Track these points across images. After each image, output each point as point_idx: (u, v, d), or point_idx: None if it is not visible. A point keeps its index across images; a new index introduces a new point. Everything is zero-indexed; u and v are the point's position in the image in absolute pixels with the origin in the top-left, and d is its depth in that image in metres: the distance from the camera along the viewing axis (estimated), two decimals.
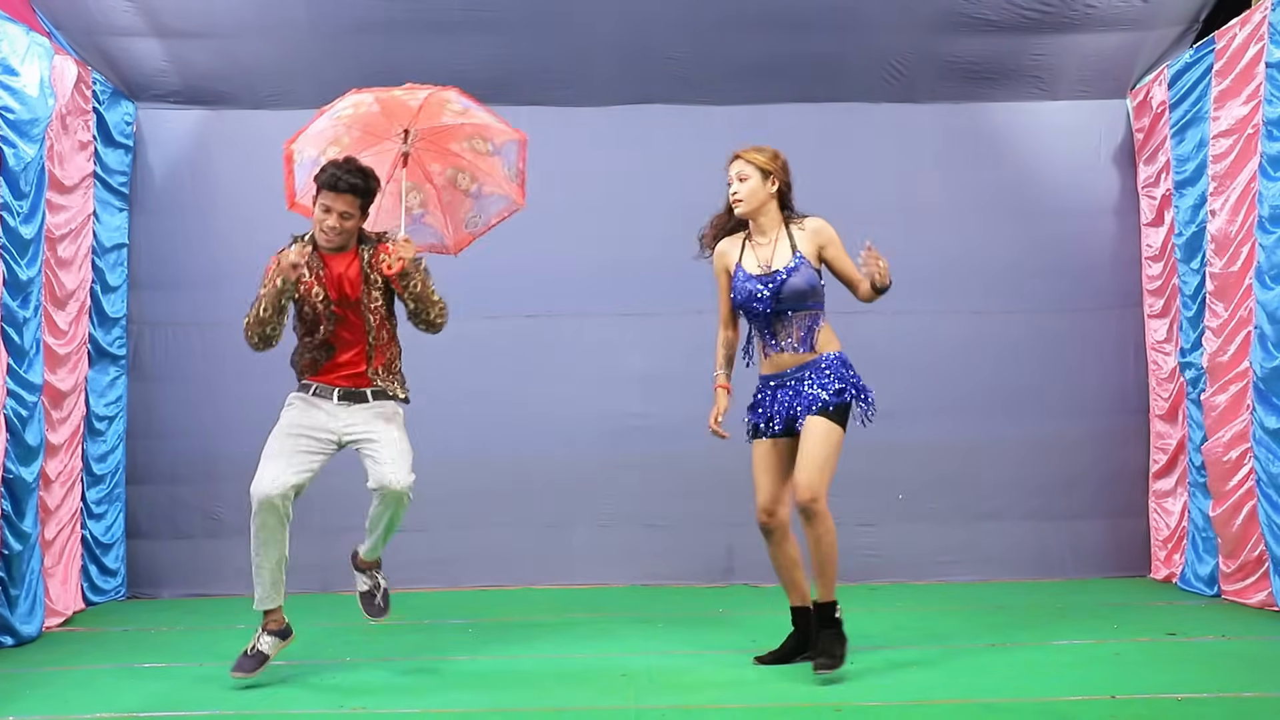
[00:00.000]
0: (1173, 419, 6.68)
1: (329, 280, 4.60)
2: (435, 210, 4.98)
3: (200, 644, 5.46)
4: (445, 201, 4.95)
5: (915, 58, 6.83)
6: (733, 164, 4.65)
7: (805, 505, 4.48)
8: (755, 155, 4.63)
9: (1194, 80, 6.30)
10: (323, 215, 4.54)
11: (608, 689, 4.45)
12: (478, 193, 4.96)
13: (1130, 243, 7.01)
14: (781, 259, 4.60)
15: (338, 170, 4.51)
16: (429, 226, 4.98)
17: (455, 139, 4.89)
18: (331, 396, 4.66)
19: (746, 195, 4.61)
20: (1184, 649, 4.95)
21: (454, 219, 4.97)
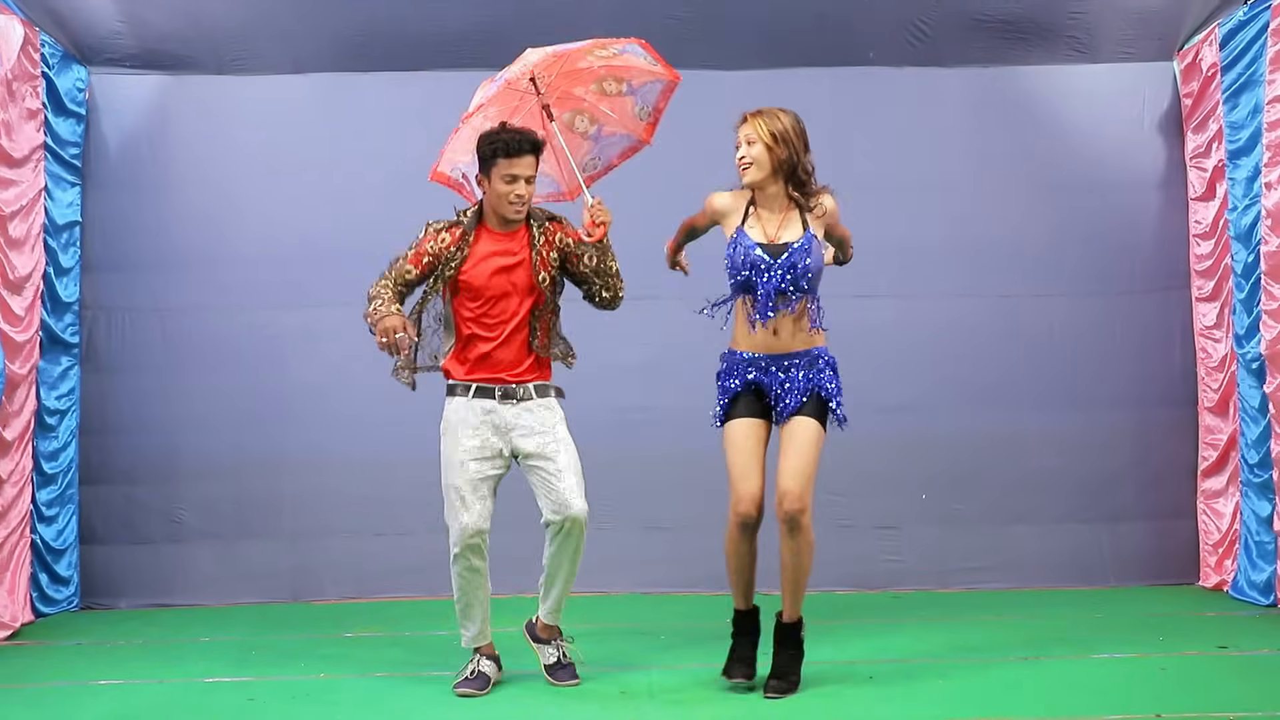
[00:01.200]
0: (1223, 412, 6.64)
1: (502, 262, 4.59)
2: (549, 159, 4.98)
3: (161, 659, 5.43)
4: (555, 147, 4.93)
5: (940, 16, 6.78)
6: (744, 125, 4.58)
7: (793, 516, 4.45)
8: (769, 121, 4.53)
9: (1248, 40, 6.25)
10: (509, 185, 4.54)
11: (605, 706, 4.44)
12: (596, 134, 5.01)
13: (1177, 219, 6.97)
14: (791, 233, 4.56)
15: (506, 134, 4.54)
16: (546, 176, 4.99)
17: (583, 82, 4.93)
18: (493, 395, 4.63)
19: (756, 161, 4.54)
20: (1236, 664, 4.93)
21: (565, 166, 4.98)
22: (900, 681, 4.71)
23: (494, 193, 4.57)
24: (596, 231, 4.62)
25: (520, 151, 4.52)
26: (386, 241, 6.87)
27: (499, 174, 4.53)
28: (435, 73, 6.95)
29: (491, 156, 4.54)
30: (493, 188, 4.57)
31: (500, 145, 4.52)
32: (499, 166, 4.53)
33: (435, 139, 6.96)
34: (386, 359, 6.86)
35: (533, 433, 4.61)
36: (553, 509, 4.60)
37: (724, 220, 4.67)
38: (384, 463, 6.84)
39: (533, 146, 4.56)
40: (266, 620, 6.33)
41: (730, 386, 4.62)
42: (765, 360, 4.59)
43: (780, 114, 4.58)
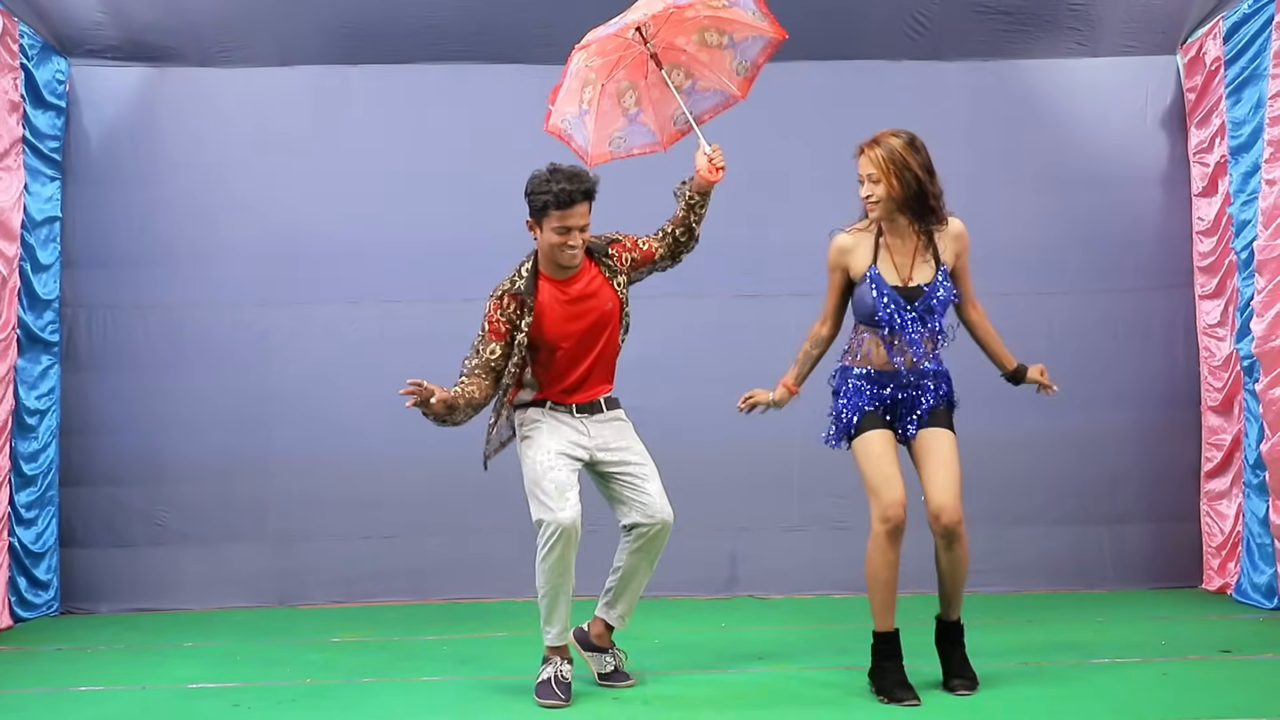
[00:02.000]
0: (1227, 412, 6.65)
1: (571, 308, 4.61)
2: (647, 107, 5.01)
3: (144, 665, 5.42)
4: (655, 99, 4.97)
5: (940, 9, 6.79)
6: (860, 159, 4.51)
7: (951, 529, 4.51)
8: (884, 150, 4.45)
9: (1252, 34, 6.26)
10: (562, 237, 4.52)
11: (598, 712, 4.43)
12: (690, 89, 5.00)
13: (1180, 215, 6.98)
14: (924, 272, 4.54)
15: (563, 183, 4.50)
16: (643, 125, 5.02)
17: (685, 32, 4.91)
18: (570, 412, 4.67)
19: (882, 200, 4.48)
20: (1240, 668, 4.93)
21: (661, 116, 5.01)
22: None
23: (546, 242, 4.57)
24: (717, 175, 4.70)
25: (572, 203, 4.50)
26: (373, 236, 6.93)
27: (551, 225, 4.52)
28: (422, 65, 6.96)
29: (543, 209, 4.52)
30: (544, 237, 4.56)
31: (552, 198, 4.49)
32: (551, 219, 4.51)
33: (425, 133, 7.01)
34: (370, 357, 6.90)
35: (611, 444, 4.68)
36: (644, 513, 4.66)
37: (852, 263, 4.60)
38: (371, 466, 6.84)
39: (585, 195, 4.54)
40: (252, 625, 6.32)
41: (859, 405, 4.61)
42: (900, 377, 4.59)
43: (893, 140, 4.49)
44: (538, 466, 4.57)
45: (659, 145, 5.06)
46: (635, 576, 4.78)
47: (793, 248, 6.89)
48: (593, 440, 4.66)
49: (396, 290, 6.92)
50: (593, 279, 4.68)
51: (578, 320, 4.63)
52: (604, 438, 4.67)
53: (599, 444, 4.66)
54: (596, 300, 4.66)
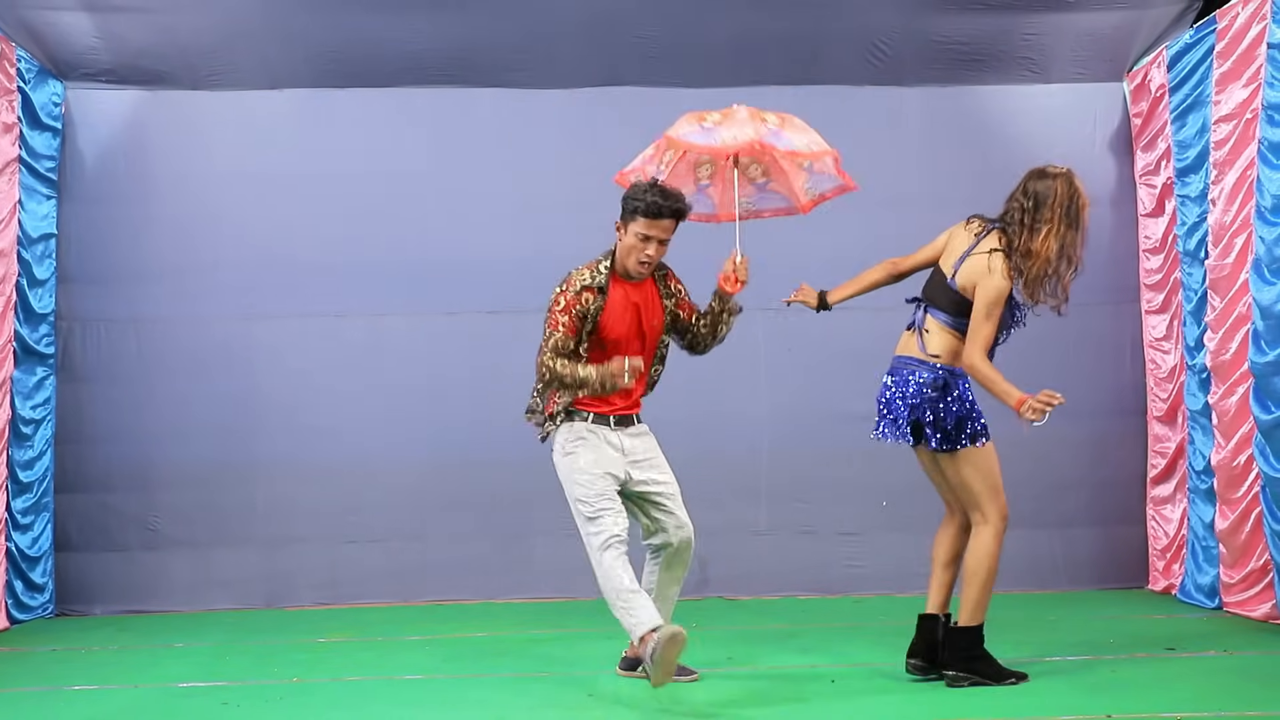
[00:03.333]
0: (1171, 421, 6.73)
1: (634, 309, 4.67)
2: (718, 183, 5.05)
3: (136, 665, 5.40)
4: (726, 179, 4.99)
5: (899, 37, 6.85)
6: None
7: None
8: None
9: (1195, 62, 6.35)
10: (641, 244, 4.59)
11: (573, 709, 4.44)
12: (763, 185, 5.09)
13: (1128, 235, 7.05)
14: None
15: (657, 196, 4.56)
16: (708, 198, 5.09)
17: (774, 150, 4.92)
18: (608, 423, 4.68)
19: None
20: (1184, 665, 4.98)
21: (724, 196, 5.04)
22: (861, 684, 4.74)
23: (626, 245, 4.63)
24: (736, 286, 4.73)
25: (660, 215, 4.56)
26: (358, 253, 6.94)
27: (635, 230, 4.58)
28: (407, 89, 6.98)
29: (633, 212, 4.59)
30: (626, 239, 4.63)
31: (643, 205, 4.56)
32: (637, 224, 4.58)
33: (408, 154, 7.02)
34: (355, 368, 6.91)
35: (643, 459, 4.70)
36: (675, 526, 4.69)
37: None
38: (357, 471, 6.84)
39: (674, 214, 4.60)
40: (241, 626, 6.30)
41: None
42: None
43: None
44: (583, 482, 4.59)
45: (716, 218, 5.10)
46: (666, 590, 4.79)
47: (756, 264, 6.89)
48: (627, 457, 4.67)
49: (380, 304, 6.93)
50: (651, 293, 4.75)
51: (634, 323, 4.68)
52: (636, 453, 4.69)
53: (632, 459, 4.67)
54: (649, 312, 4.73)
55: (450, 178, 6.97)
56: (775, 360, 6.98)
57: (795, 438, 6.95)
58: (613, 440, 4.66)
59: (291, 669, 5.20)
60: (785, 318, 6.99)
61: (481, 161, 6.99)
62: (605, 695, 4.65)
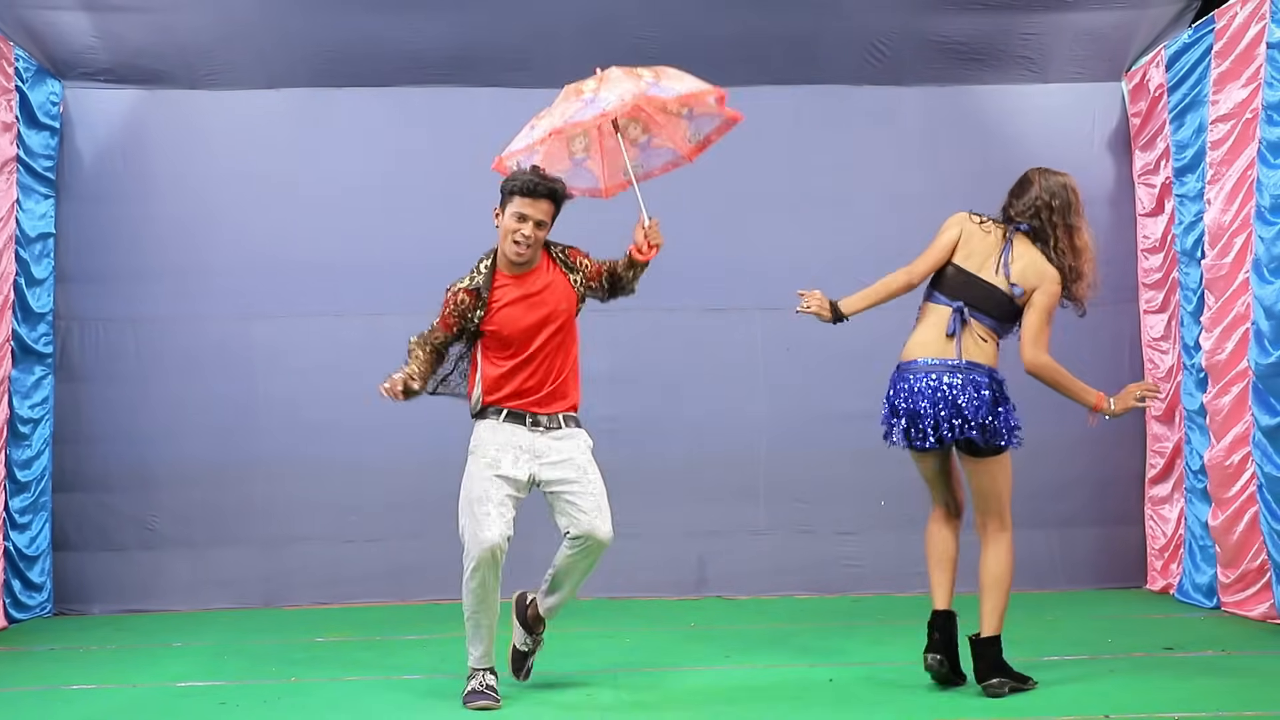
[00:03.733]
0: (1169, 421, 6.73)
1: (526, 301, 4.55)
2: (595, 155, 4.98)
3: (134, 664, 5.40)
4: (606, 148, 4.93)
5: (898, 37, 6.85)
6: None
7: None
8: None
9: (1193, 62, 6.34)
10: (516, 225, 4.48)
11: (570, 708, 4.44)
12: (645, 144, 4.99)
13: (1126, 234, 7.05)
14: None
15: (532, 176, 4.51)
16: (588, 171, 5.00)
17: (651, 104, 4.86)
18: (524, 422, 4.55)
19: None
20: (1182, 665, 4.98)
21: (610, 166, 4.98)
22: (859, 684, 4.74)
23: (503, 230, 4.54)
24: (650, 252, 4.60)
25: (535, 194, 4.48)
26: (357, 253, 6.93)
27: (511, 210, 4.50)
28: (406, 89, 6.97)
29: (510, 193, 4.52)
30: (504, 223, 4.54)
31: (519, 185, 4.50)
32: (512, 203, 4.50)
33: (407, 154, 7.02)
34: (353, 368, 6.90)
35: (561, 461, 4.53)
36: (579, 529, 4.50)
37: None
38: (355, 470, 6.84)
39: (550, 193, 4.52)
40: (239, 626, 6.30)
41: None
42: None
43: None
44: (473, 486, 4.49)
45: (600, 192, 5.02)
46: (569, 577, 4.63)
47: (755, 264, 6.94)
48: (540, 458, 4.51)
49: (378, 304, 6.91)
50: (551, 278, 4.62)
51: (531, 313, 4.54)
52: (550, 454, 4.52)
53: (544, 460, 4.51)
54: (551, 295, 4.58)
55: (449, 178, 6.95)
56: (774, 360, 6.98)
57: (794, 437, 6.94)
58: (522, 440, 4.52)
59: (289, 668, 5.20)
60: (784, 318, 6.98)
61: (480, 161, 6.88)
62: (602, 693, 4.65)
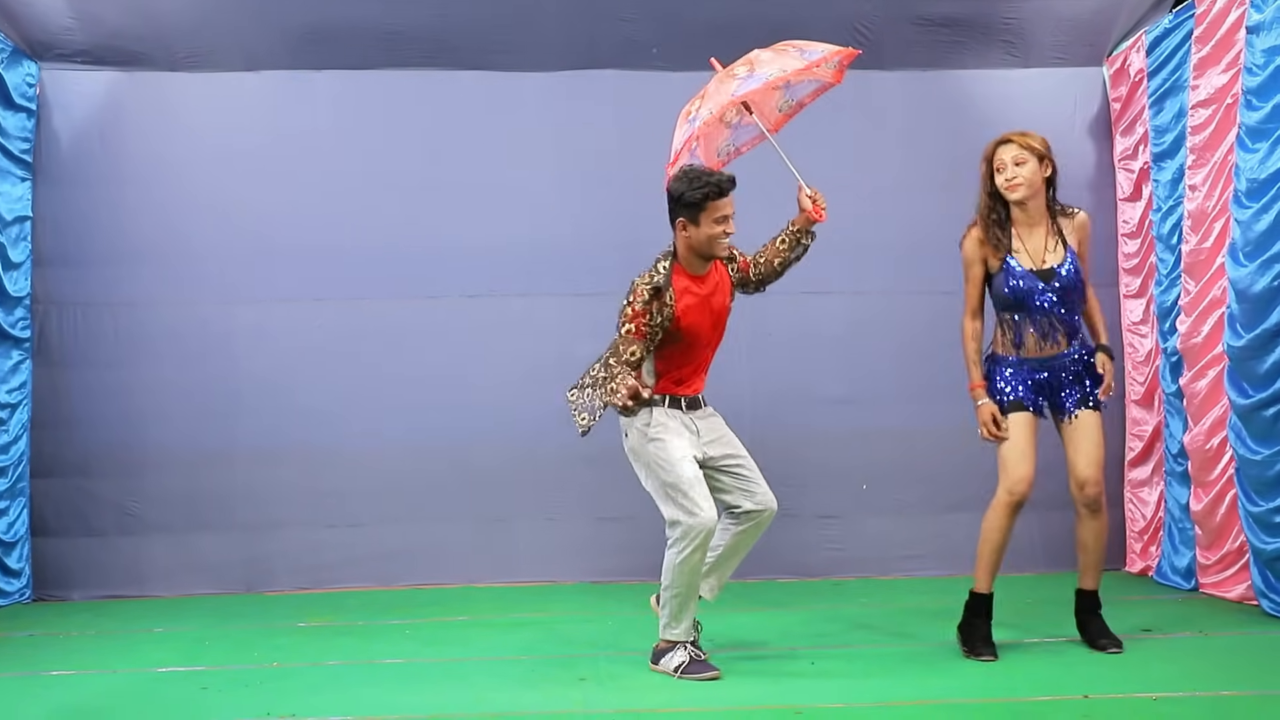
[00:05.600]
0: (1149, 405, 6.77)
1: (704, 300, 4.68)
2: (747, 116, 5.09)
3: (114, 650, 5.38)
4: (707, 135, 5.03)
5: (881, 21, 6.85)
6: (1004, 148, 4.77)
7: (1095, 500, 4.83)
8: (1031, 140, 4.76)
9: (1173, 47, 6.36)
10: (720, 226, 4.62)
11: (554, 693, 4.45)
12: (737, 124, 5.11)
13: (1106, 219, 7.06)
14: (1055, 254, 4.75)
15: (710, 176, 4.62)
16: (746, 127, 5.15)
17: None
18: (680, 406, 4.71)
19: (1027, 180, 4.73)
20: (1160, 646, 5.02)
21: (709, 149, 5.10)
22: (842, 666, 4.77)
23: (704, 234, 4.61)
24: (822, 216, 4.82)
25: (728, 191, 4.61)
26: (338, 237, 6.91)
27: (710, 216, 4.59)
28: (386, 71, 6.94)
29: (704, 200, 4.57)
30: (702, 230, 4.61)
31: (713, 188, 4.57)
32: (711, 209, 4.58)
33: (388, 137, 6.99)
34: (334, 352, 6.89)
35: (715, 438, 4.74)
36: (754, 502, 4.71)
37: (987, 252, 4.81)
38: (335, 457, 6.82)
39: (733, 183, 4.65)
40: (220, 611, 6.28)
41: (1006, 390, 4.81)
42: (1037, 364, 4.81)
43: (1033, 134, 4.81)
44: (677, 469, 4.56)
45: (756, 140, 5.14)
46: (735, 555, 4.83)
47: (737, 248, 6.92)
48: (701, 438, 4.70)
49: (360, 288, 6.90)
50: (720, 275, 4.79)
51: (709, 314, 4.71)
52: (709, 434, 4.73)
53: (705, 439, 4.71)
54: (721, 295, 4.77)
55: (431, 161, 6.94)
56: (757, 344, 6.98)
57: (776, 421, 6.95)
58: (687, 424, 4.69)
59: (271, 654, 5.19)
60: (765, 302, 6.99)
61: (462, 144, 6.96)
62: (588, 676, 4.66)
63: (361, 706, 4.31)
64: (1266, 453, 5.43)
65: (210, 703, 4.41)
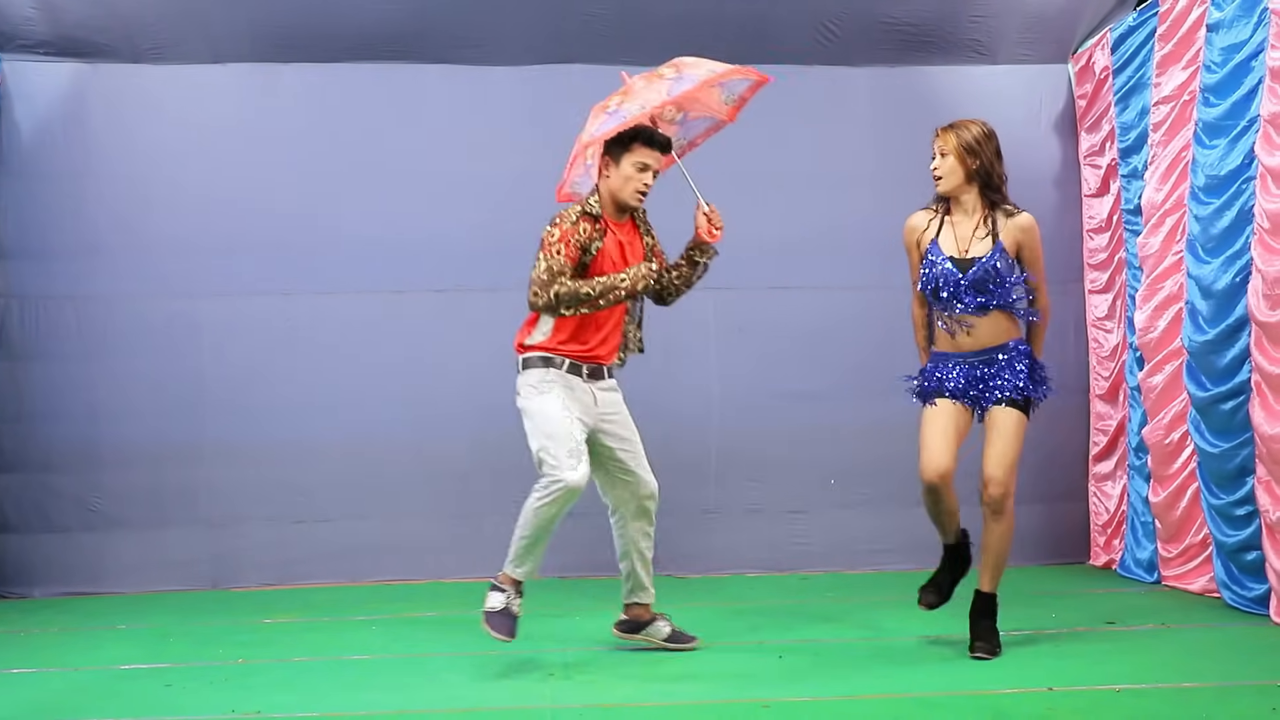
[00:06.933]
0: (1113, 399, 6.82)
1: (615, 249, 4.63)
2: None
3: (77, 647, 5.33)
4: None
5: (849, 17, 6.86)
6: (938, 137, 4.74)
7: (997, 502, 4.66)
8: (962, 133, 4.69)
9: (1137, 45, 6.41)
10: (639, 173, 4.60)
11: (523, 688, 4.44)
12: (683, 120, 5.03)
13: (1072, 215, 7.12)
14: (981, 246, 4.67)
15: (648, 129, 4.59)
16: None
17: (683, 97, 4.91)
18: (581, 373, 4.65)
19: (946, 172, 4.69)
20: (1123, 638, 5.06)
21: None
22: (809, 660, 4.78)
23: (620, 176, 4.60)
24: (715, 235, 4.73)
25: (655, 144, 4.58)
26: (304, 231, 6.86)
27: (632, 159, 4.58)
28: (353, 65, 6.90)
29: (631, 139, 4.57)
30: (620, 171, 4.59)
31: (643, 132, 4.57)
32: (635, 152, 4.57)
33: (355, 131, 6.95)
34: (302, 347, 6.85)
35: (614, 415, 4.72)
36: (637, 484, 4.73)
37: (920, 238, 4.79)
38: (302, 452, 6.79)
39: (666, 145, 4.63)
40: (185, 608, 6.23)
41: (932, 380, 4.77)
42: (957, 359, 4.73)
43: (971, 124, 4.73)
44: (556, 421, 4.53)
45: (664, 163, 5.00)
46: (638, 546, 4.84)
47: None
48: (598, 408, 4.66)
49: (327, 283, 6.86)
50: (633, 234, 4.74)
51: (622, 264, 4.64)
52: (607, 408, 4.70)
53: (601, 413, 4.67)
54: (633, 253, 4.71)
55: (398, 155, 6.90)
56: (725, 339, 7.00)
57: (745, 416, 6.97)
58: (585, 390, 4.65)
59: (236, 650, 5.15)
60: (735, 298, 7.01)
61: (430, 139, 6.93)
62: (552, 671, 4.65)
63: (328, 703, 4.28)
64: (1226, 446, 5.48)
65: (174, 700, 4.37)
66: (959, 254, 4.68)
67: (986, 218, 4.71)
